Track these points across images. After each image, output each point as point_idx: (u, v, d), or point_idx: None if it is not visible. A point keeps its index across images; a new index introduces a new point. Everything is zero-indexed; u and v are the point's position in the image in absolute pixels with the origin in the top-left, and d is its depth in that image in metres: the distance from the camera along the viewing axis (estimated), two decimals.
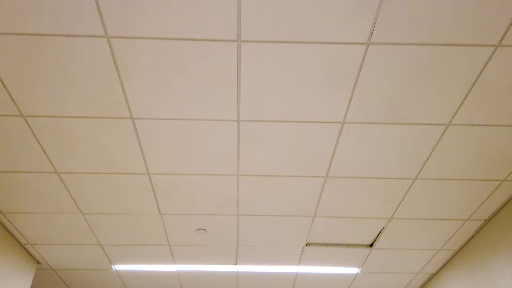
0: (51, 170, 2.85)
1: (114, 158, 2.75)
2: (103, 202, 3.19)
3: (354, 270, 4.25)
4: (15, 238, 3.66)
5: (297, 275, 4.36)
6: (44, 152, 2.68)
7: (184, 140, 2.61)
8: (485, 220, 3.36)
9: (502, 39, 2.00)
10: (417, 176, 2.91)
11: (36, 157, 2.73)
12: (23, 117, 2.42)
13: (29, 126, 2.49)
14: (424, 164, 2.80)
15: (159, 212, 3.33)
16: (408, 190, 3.05)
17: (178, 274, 4.33)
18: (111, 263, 4.09)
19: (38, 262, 4.05)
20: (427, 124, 2.48)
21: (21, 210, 3.28)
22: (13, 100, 2.31)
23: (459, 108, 2.37)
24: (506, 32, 1.97)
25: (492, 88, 2.25)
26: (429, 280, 4.39)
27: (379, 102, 2.34)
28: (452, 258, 3.92)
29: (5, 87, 2.24)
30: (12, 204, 3.20)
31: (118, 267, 4.16)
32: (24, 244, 3.76)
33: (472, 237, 3.58)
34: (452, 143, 2.63)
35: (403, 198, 3.14)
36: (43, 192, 3.06)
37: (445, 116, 2.42)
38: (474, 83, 2.23)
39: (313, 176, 2.93)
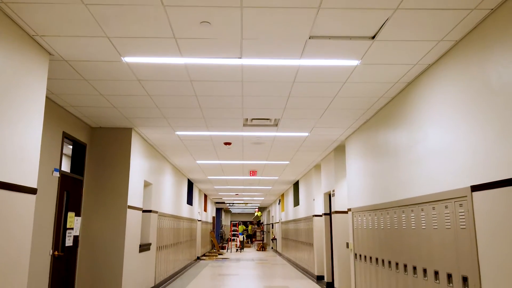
0: None
1: None
2: None
3: (354, 62, 4.42)
4: (23, 29, 3.72)
5: (298, 68, 4.56)
6: None
7: None
8: (492, 9, 3.32)
9: None
10: None
11: None
12: None
13: None
14: None
15: (162, 4, 3.28)
16: None
17: (186, 67, 4.53)
18: (120, 55, 4.23)
19: (50, 54, 4.21)
20: None
21: (22, 0, 3.24)
22: None
23: None
24: None
25: None
26: (425, 70, 4.60)
27: None
28: (451, 49, 4.03)
29: None
30: None
31: (128, 59, 4.33)
32: (33, 35, 3.83)
33: (475, 27, 3.60)
34: None
35: None
36: None
37: None
38: None
39: None
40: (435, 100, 4.35)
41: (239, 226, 27.86)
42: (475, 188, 3.57)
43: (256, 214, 33.71)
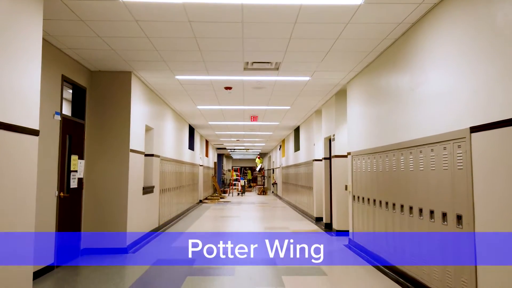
0: None
1: None
2: None
3: (357, 1, 4.28)
4: None
5: (300, 7, 4.42)
6: None
7: None
8: None
9: None
10: None
11: None
12: None
13: None
14: None
15: None
16: None
17: (184, 6, 4.39)
18: None
19: None
20: None
21: None
22: None
23: None
24: None
25: None
26: (430, 10, 4.46)
27: None
28: None
29: None
30: None
31: None
32: None
33: None
34: None
35: None
36: None
37: None
38: None
39: None
40: (439, 41, 4.26)
41: (233, 172, 29.17)
42: (474, 129, 3.60)
43: (256, 162, 34.15)
